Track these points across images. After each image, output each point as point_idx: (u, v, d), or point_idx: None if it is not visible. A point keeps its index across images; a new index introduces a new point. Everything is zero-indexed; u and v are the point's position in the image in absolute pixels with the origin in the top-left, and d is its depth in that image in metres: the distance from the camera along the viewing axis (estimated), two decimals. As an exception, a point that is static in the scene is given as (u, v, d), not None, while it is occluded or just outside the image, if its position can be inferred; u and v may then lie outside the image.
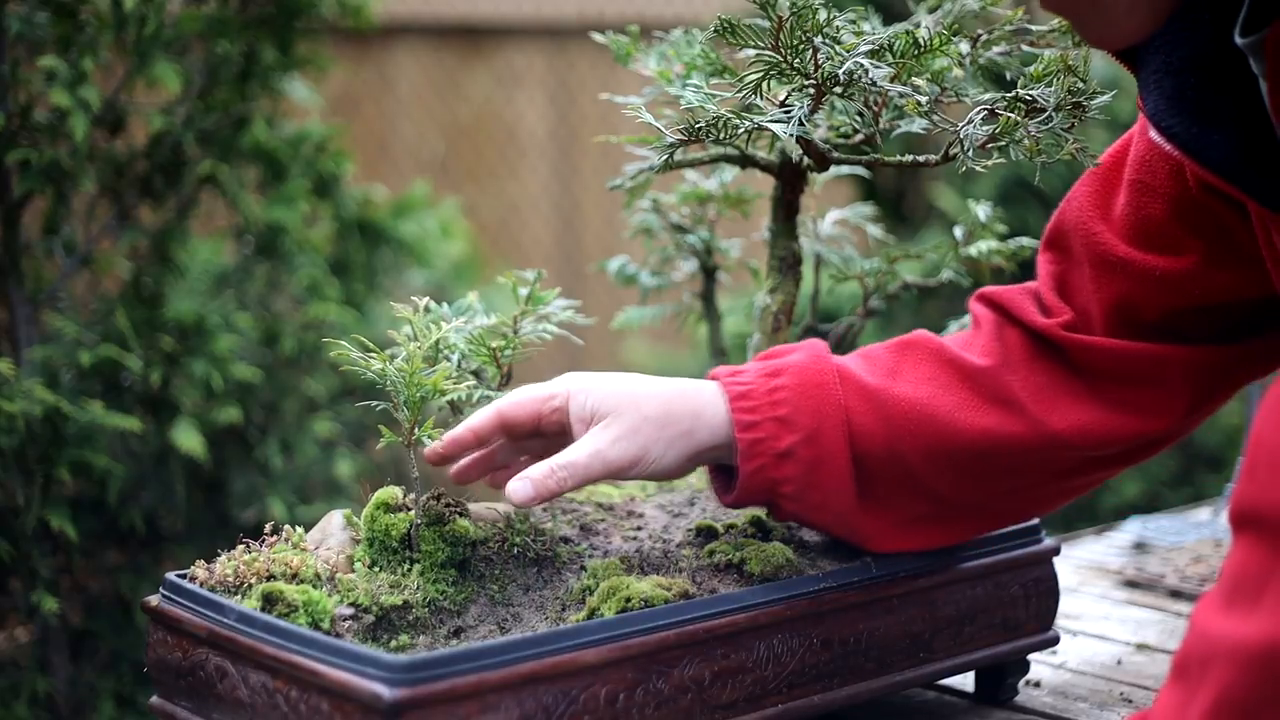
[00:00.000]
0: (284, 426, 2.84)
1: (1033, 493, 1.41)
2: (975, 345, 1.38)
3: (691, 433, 1.30)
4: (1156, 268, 1.34)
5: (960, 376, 1.35)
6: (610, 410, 1.28)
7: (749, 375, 1.33)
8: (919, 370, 1.36)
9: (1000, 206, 1.69)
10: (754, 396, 1.31)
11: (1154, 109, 1.20)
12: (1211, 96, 1.17)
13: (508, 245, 5.17)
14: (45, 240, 2.59)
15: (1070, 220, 1.41)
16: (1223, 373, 1.38)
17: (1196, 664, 0.90)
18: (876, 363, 1.37)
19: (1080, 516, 3.52)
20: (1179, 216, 1.33)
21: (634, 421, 1.27)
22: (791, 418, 1.30)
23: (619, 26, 1.62)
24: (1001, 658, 1.46)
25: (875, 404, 1.32)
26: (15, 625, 2.52)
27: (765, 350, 1.38)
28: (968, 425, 1.33)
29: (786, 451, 1.30)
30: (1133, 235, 1.36)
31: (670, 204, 1.72)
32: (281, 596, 1.18)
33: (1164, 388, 1.37)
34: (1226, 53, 1.14)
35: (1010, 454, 1.34)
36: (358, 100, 4.82)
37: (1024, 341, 1.38)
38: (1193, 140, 1.17)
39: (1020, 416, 1.34)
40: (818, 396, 1.31)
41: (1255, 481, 0.90)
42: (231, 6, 2.75)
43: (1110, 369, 1.36)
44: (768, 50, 1.26)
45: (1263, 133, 1.14)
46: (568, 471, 1.25)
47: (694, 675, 1.21)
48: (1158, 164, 1.33)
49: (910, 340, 1.39)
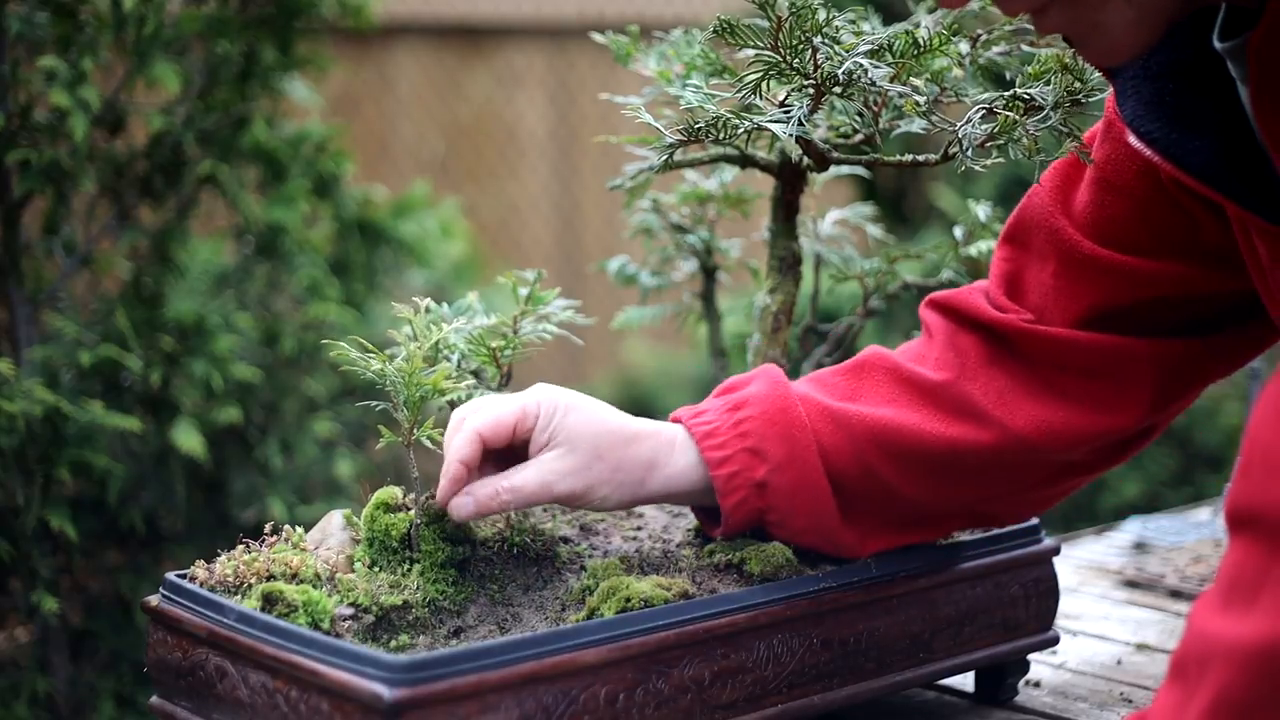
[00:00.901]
0: (284, 426, 2.84)
1: (1014, 499, 1.41)
2: (930, 358, 1.37)
3: (641, 482, 1.30)
4: (1122, 264, 1.34)
5: (919, 393, 1.35)
6: (566, 443, 1.27)
7: (711, 414, 1.33)
8: (878, 392, 1.36)
9: (1000, 206, 1.69)
10: (720, 433, 1.31)
11: (1132, 115, 1.20)
12: (1191, 101, 1.17)
13: (508, 245, 5.17)
14: (45, 240, 2.59)
15: (1033, 214, 1.40)
16: (1190, 367, 1.37)
17: (1194, 664, 0.90)
18: (834, 388, 1.36)
19: (1080, 516, 3.52)
20: (1144, 216, 1.33)
21: (586, 460, 1.28)
22: (761, 447, 1.30)
23: (619, 26, 1.62)
24: (1001, 658, 1.46)
25: (840, 424, 1.32)
26: (15, 625, 2.52)
27: (722, 385, 1.38)
28: (934, 439, 1.33)
29: (763, 481, 1.30)
30: (1095, 232, 1.35)
31: (670, 204, 1.72)
32: (281, 596, 1.18)
33: (1126, 381, 1.36)
34: (1204, 57, 1.14)
35: (981, 462, 1.34)
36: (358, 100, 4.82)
37: (980, 345, 1.37)
38: (1173, 145, 1.17)
39: (985, 425, 1.34)
40: (783, 422, 1.31)
41: (1251, 481, 0.90)
42: (231, 6, 2.75)
43: (1071, 362, 1.36)
44: (767, 50, 1.26)
45: (1242, 136, 1.15)
46: (511, 495, 1.26)
47: (694, 675, 1.21)
48: (1124, 164, 1.33)
49: (864, 361, 1.38)
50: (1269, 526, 0.88)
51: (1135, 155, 1.31)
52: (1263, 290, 1.26)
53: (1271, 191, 1.15)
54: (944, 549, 1.40)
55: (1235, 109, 1.15)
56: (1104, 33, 1.06)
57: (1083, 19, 1.05)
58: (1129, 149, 1.30)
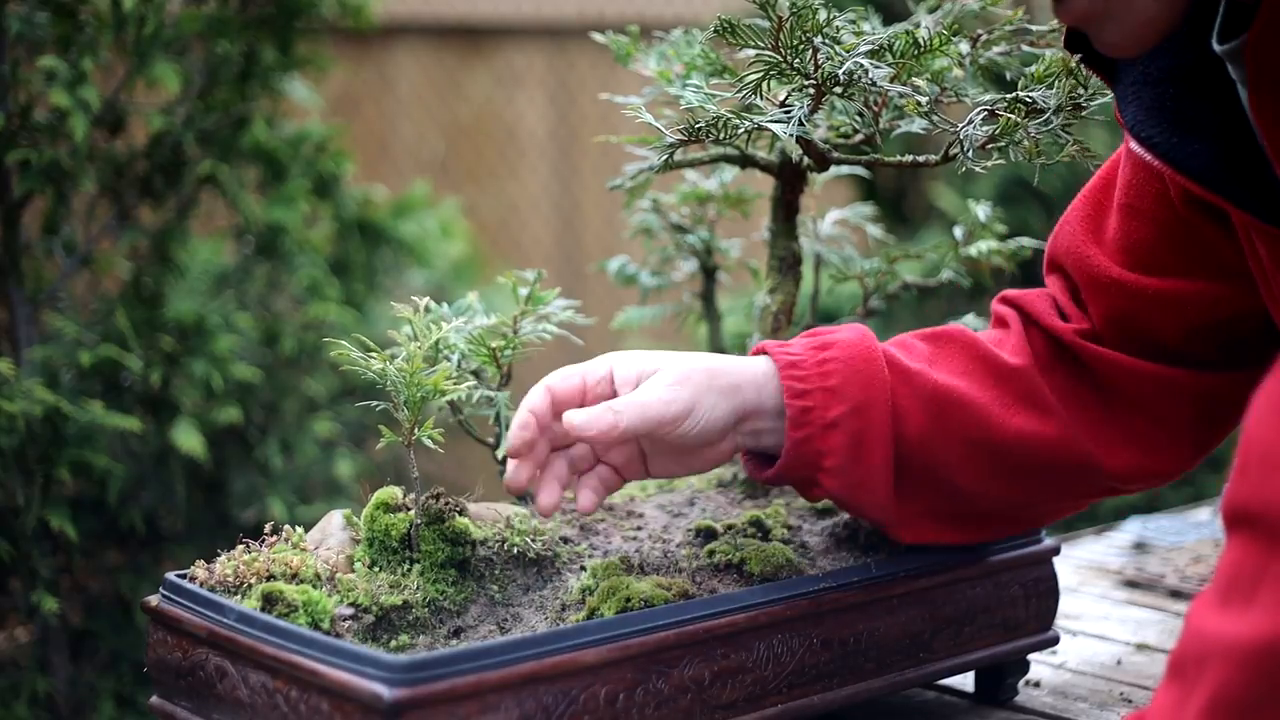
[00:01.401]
0: (284, 426, 2.84)
1: (1055, 505, 1.43)
2: (1007, 344, 1.39)
3: (739, 388, 1.29)
4: (1149, 288, 1.35)
5: (994, 373, 1.36)
6: (656, 366, 1.28)
7: (798, 348, 1.33)
8: (954, 363, 1.37)
9: (1000, 206, 1.69)
10: (804, 366, 1.31)
11: (1133, 120, 1.21)
12: (1191, 105, 1.17)
13: (508, 245, 5.17)
14: (45, 240, 2.59)
15: (1062, 246, 1.42)
16: (1227, 402, 1.38)
17: (1192, 663, 0.90)
18: (914, 350, 1.37)
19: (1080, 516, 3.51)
20: (1168, 238, 1.34)
21: (684, 371, 1.27)
22: (841, 389, 1.30)
23: (619, 26, 1.62)
24: (1001, 658, 1.46)
25: (915, 387, 1.33)
26: (15, 625, 2.52)
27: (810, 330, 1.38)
28: (1002, 422, 1.34)
29: (834, 422, 1.29)
30: (1125, 258, 1.36)
31: (670, 204, 1.72)
32: (281, 596, 1.18)
33: (1167, 421, 1.38)
34: (1204, 61, 1.14)
35: (1040, 457, 1.35)
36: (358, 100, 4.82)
37: (1047, 346, 1.39)
38: (1173, 149, 1.18)
39: (1052, 420, 1.35)
40: (866, 372, 1.31)
41: (1247, 480, 0.90)
42: (231, 6, 2.75)
43: (1121, 385, 1.37)
44: (767, 50, 1.26)
45: (1243, 139, 1.15)
46: (625, 407, 1.23)
47: (694, 675, 1.21)
48: (1145, 187, 1.34)
49: (945, 332, 1.40)
50: (1266, 525, 0.88)
51: (1154, 177, 1.31)
52: (1266, 294, 1.26)
53: (1272, 194, 1.16)
54: (944, 549, 1.40)
55: (1236, 112, 1.15)
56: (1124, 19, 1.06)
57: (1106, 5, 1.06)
58: (1149, 172, 1.31)
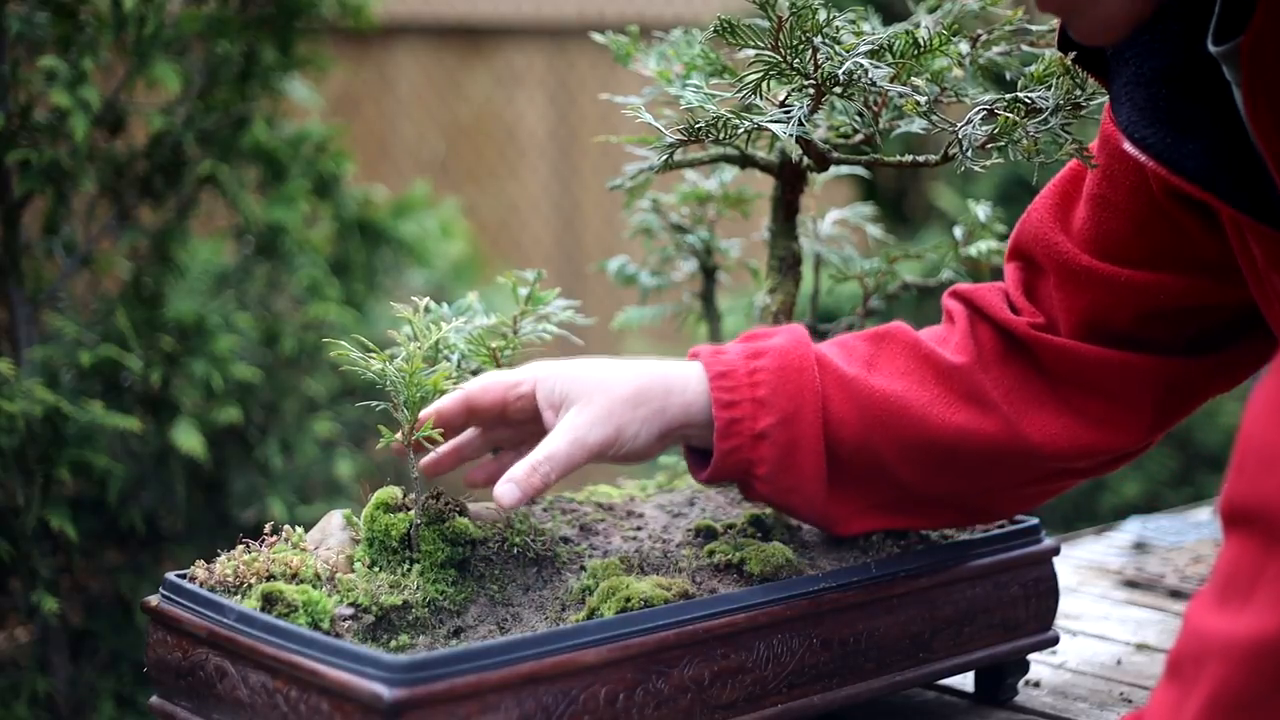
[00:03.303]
0: (284, 426, 2.84)
1: (1006, 494, 1.42)
2: (950, 341, 1.39)
3: (664, 410, 1.30)
4: (1118, 276, 1.35)
5: (935, 372, 1.36)
6: (580, 394, 1.27)
7: (731, 355, 1.33)
8: (895, 363, 1.37)
9: (1000, 206, 1.69)
10: (734, 376, 1.31)
11: (1127, 121, 1.21)
12: (1185, 106, 1.18)
13: (508, 245, 5.17)
14: (45, 240, 2.59)
15: (1029, 234, 1.41)
16: (1189, 387, 1.39)
17: (1191, 662, 0.90)
18: (854, 352, 1.38)
19: (1080, 516, 3.53)
20: (1140, 230, 1.34)
21: (607, 403, 1.27)
22: (770, 399, 1.31)
23: (619, 26, 1.62)
24: (1001, 658, 1.46)
25: (851, 393, 1.33)
26: (15, 625, 2.52)
27: (747, 332, 1.38)
28: (941, 421, 1.34)
29: (763, 433, 1.30)
30: (1094, 247, 1.36)
31: (670, 204, 1.72)
32: (281, 596, 1.18)
33: (1129, 402, 1.37)
34: (1197, 61, 1.14)
35: (981, 452, 1.35)
36: (358, 100, 4.82)
37: (995, 339, 1.39)
38: (1168, 150, 1.18)
39: (993, 416, 1.35)
40: (797, 381, 1.32)
41: (1245, 478, 0.90)
42: (231, 6, 2.75)
43: (1076, 374, 1.37)
44: (767, 50, 1.26)
45: (1236, 139, 1.15)
46: (550, 465, 1.25)
47: (694, 675, 1.21)
48: (1119, 178, 1.34)
49: (886, 331, 1.40)
50: (1264, 523, 0.88)
51: (1129, 170, 1.31)
52: (1259, 295, 1.26)
53: (1267, 195, 1.16)
54: (944, 549, 1.41)
55: (1230, 113, 1.15)
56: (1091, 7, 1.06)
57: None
58: (1123, 164, 1.31)
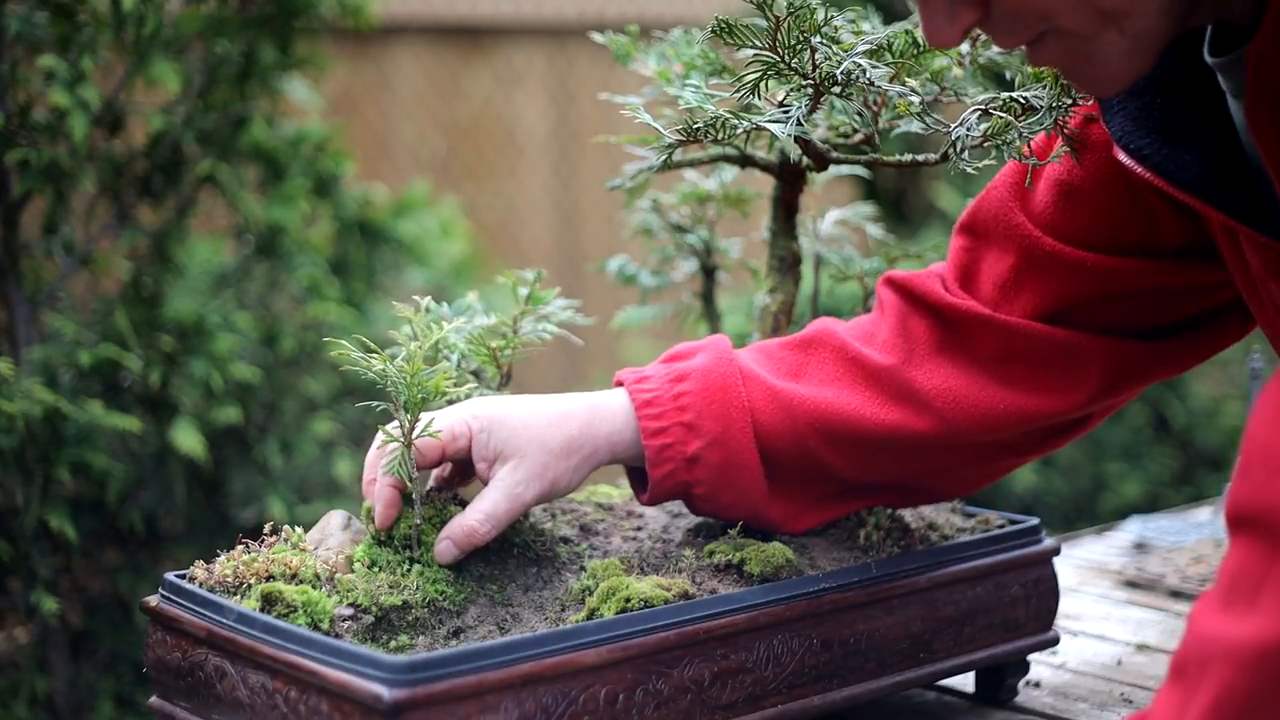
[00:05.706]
0: (284, 426, 2.84)
1: (945, 475, 1.42)
2: (878, 339, 1.39)
3: (594, 453, 1.32)
4: (1078, 259, 1.34)
5: (864, 376, 1.36)
6: (513, 451, 1.29)
7: (654, 381, 1.34)
8: (823, 370, 1.37)
9: (1000, 206, 1.69)
10: (659, 403, 1.33)
11: (1121, 131, 1.21)
12: (1179, 115, 1.17)
13: (508, 245, 5.16)
14: (45, 240, 2.59)
15: (990, 212, 1.40)
16: (1135, 367, 1.39)
17: (1195, 664, 0.90)
18: (781, 362, 1.38)
19: (1080, 516, 3.53)
20: (1102, 214, 1.34)
21: (541, 458, 1.29)
22: (697, 422, 1.32)
23: (619, 26, 1.62)
24: (1001, 658, 1.46)
25: (781, 404, 1.34)
26: (15, 625, 2.52)
27: (670, 351, 1.39)
28: (875, 421, 1.35)
29: (695, 456, 1.32)
30: (1053, 228, 1.36)
31: (670, 204, 1.72)
32: (281, 597, 1.18)
33: (1073, 373, 1.37)
34: (1190, 71, 1.14)
35: (917, 447, 1.36)
36: (358, 100, 4.81)
37: (930, 331, 1.39)
38: (1165, 161, 1.18)
39: (924, 412, 1.35)
40: (723, 400, 1.32)
41: (1250, 482, 0.90)
42: (231, 6, 2.75)
43: (1021, 351, 1.37)
44: (765, 50, 1.26)
45: (1230, 148, 1.15)
46: (490, 524, 1.27)
47: (694, 675, 1.21)
48: (1088, 166, 1.33)
49: (813, 337, 1.40)
50: (1269, 527, 0.88)
51: (1099, 162, 1.31)
52: (1253, 303, 1.26)
53: (1263, 204, 1.16)
54: (944, 549, 1.40)
55: (1222, 122, 1.15)
56: (1098, 64, 1.05)
57: (1077, 50, 1.05)
58: (1093, 154, 1.31)
